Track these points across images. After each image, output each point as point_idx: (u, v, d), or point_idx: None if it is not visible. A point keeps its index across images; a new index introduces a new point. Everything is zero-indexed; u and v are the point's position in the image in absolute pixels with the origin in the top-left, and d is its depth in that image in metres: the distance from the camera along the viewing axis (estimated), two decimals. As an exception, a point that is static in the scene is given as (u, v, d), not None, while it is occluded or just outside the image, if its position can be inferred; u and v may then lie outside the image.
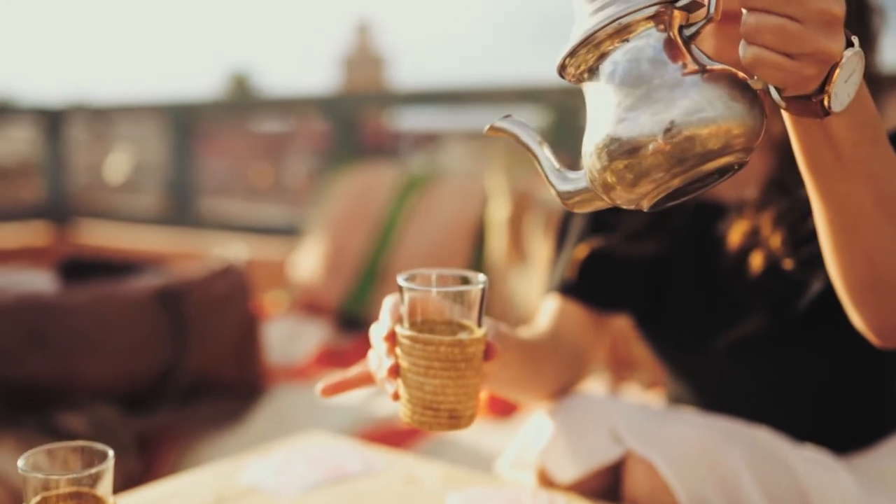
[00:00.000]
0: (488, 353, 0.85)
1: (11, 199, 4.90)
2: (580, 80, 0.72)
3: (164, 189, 4.02)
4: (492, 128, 0.78)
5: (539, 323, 1.20)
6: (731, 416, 1.08)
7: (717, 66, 0.67)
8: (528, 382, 1.06)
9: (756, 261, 1.08)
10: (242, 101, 4.78)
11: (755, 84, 0.67)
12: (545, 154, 0.74)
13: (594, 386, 1.91)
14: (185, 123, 3.90)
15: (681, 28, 0.69)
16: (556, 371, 1.11)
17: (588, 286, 1.18)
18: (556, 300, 1.19)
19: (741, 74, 0.67)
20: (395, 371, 0.84)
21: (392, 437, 1.71)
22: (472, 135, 5.70)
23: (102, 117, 5.14)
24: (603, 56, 0.69)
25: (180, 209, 3.89)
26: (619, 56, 0.68)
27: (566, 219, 1.24)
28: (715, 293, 1.14)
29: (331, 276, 2.65)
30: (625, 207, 0.72)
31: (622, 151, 0.66)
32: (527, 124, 0.76)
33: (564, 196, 0.73)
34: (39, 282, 1.91)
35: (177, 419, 1.82)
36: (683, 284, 1.16)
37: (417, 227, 2.60)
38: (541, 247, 2.10)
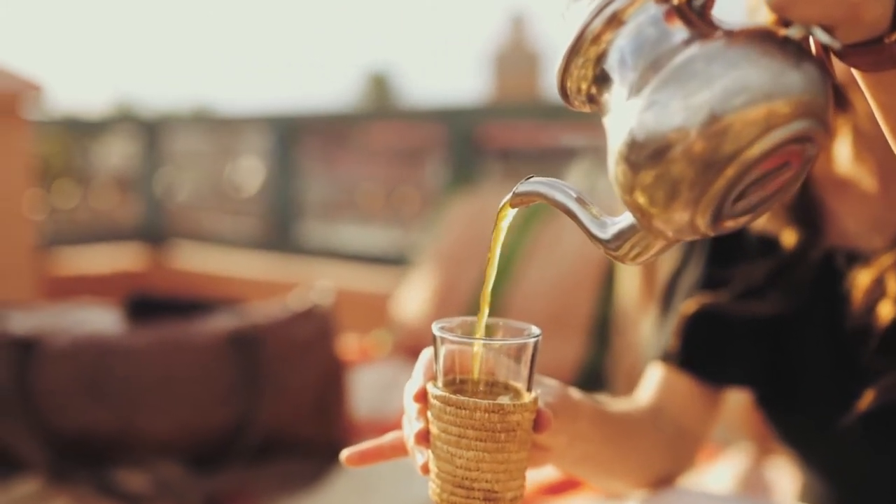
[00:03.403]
0: (539, 424, 0.79)
1: (106, 218, 5.12)
2: (590, 99, 0.67)
3: (265, 209, 4.13)
4: (515, 196, 0.74)
5: (639, 395, 1.16)
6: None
7: (745, 27, 0.60)
8: (613, 463, 1.02)
9: (884, 314, 1.01)
10: (354, 113, 4.86)
11: (796, 33, 0.59)
12: (585, 211, 0.70)
13: (735, 459, 1.84)
14: (289, 137, 4.00)
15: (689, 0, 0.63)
16: (654, 453, 1.07)
17: (697, 354, 1.13)
18: (659, 370, 1.15)
19: (779, 30, 0.60)
20: (425, 437, 0.79)
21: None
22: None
23: (216, 129, 5.32)
24: (602, 57, 0.64)
25: (282, 232, 3.98)
26: (623, 41, 0.63)
27: (676, 273, 1.20)
28: (843, 357, 1.07)
29: (439, 316, 2.65)
30: (688, 238, 0.65)
31: (644, 158, 0.60)
32: (555, 182, 0.72)
33: (613, 246, 0.68)
34: (104, 321, 1.98)
35: (248, 480, 1.85)
36: (808, 349, 1.10)
37: (539, 263, 2.57)
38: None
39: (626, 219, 0.67)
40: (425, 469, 0.79)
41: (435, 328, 0.79)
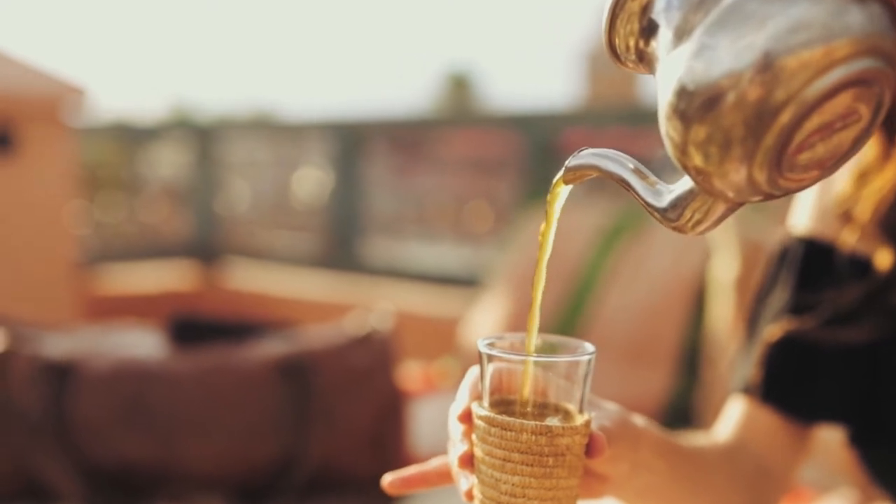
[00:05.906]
0: (592, 449, 0.79)
1: (155, 232, 5.20)
2: (640, 57, 0.68)
3: (326, 224, 4.17)
4: (568, 171, 0.74)
5: (719, 430, 1.17)
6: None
7: None
8: (682, 499, 1.01)
9: None
10: (425, 119, 4.89)
11: None
12: (641, 181, 0.70)
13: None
14: (354, 145, 4.04)
15: None
16: (730, 492, 1.07)
17: (781, 386, 1.13)
18: (740, 403, 1.15)
19: None
20: (469, 461, 0.80)
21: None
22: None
23: (275, 136, 5.39)
24: (648, 6, 0.65)
25: (343, 249, 4.02)
26: None
27: (761, 297, 1.21)
28: None
29: (512, 342, 2.66)
30: (752, 199, 0.65)
31: (695, 109, 0.60)
32: (610, 152, 0.72)
33: (672, 215, 0.68)
34: (146, 344, 2.03)
35: (297, 518, 1.88)
36: None
37: (623, 285, 2.58)
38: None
39: (683, 184, 0.68)
40: (469, 495, 0.80)
41: (481, 344, 0.79)
